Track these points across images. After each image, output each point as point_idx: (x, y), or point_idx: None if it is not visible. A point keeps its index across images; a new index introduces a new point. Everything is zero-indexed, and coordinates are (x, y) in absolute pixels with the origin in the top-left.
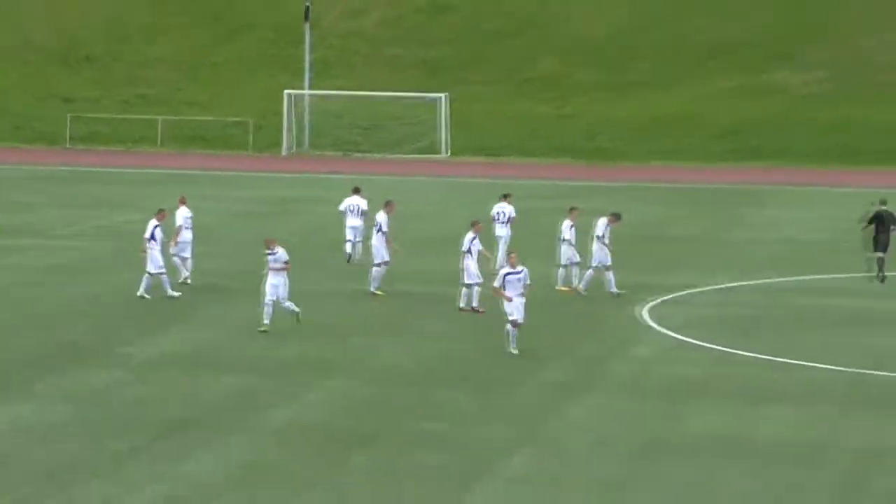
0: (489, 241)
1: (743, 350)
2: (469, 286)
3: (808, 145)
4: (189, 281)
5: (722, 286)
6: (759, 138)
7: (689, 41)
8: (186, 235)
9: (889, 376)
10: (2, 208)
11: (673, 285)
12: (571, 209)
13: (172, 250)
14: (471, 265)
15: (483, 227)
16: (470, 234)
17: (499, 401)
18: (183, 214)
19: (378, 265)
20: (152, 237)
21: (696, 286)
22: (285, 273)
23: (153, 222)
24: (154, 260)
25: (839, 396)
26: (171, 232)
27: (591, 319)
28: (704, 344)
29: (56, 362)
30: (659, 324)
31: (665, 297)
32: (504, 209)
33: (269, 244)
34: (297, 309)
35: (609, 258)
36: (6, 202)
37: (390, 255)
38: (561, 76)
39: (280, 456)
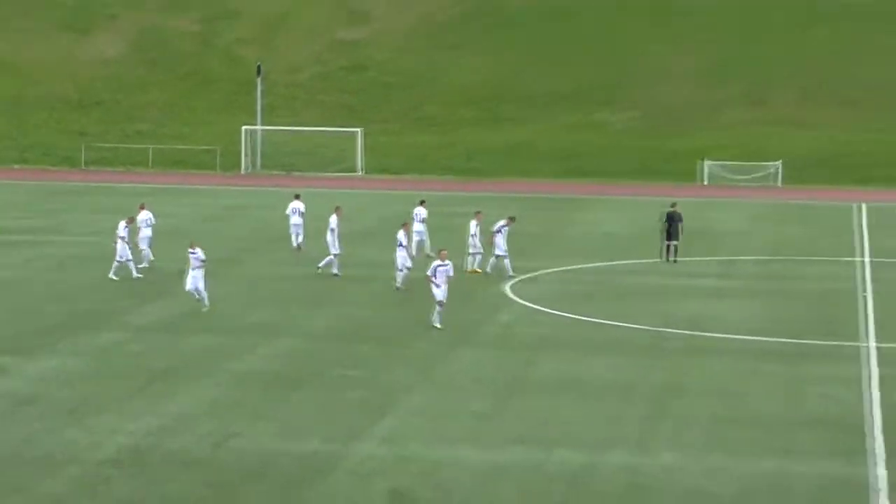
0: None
1: (578, 315)
2: (400, 270)
3: (622, 166)
4: (152, 263)
5: (562, 269)
6: (588, 161)
7: (539, 89)
8: (146, 232)
9: (679, 332)
10: (34, 213)
11: (527, 268)
12: (477, 213)
13: (140, 244)
14: (403, 256)
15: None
16: (401, 233)
17: (401, 353)
18: (142, 217)
19: (331, 258)
20: (122, 235)
21: (544, 269)
22: (202, 268)
23: (122, 223)
24: (121, 251)
25: (644, 347)
26: (135, 231)
27: (470, 294)
28: (550, 311)
29: (74, 327)
30: (518, 297)
31: (522, 277)
32: (420, 211)
33: (192, 245)
34: (206, 303)
35: (503, 249)
36: (38, 209)
37: (340, 248)
38: (444, 115)
39: (239, 395)
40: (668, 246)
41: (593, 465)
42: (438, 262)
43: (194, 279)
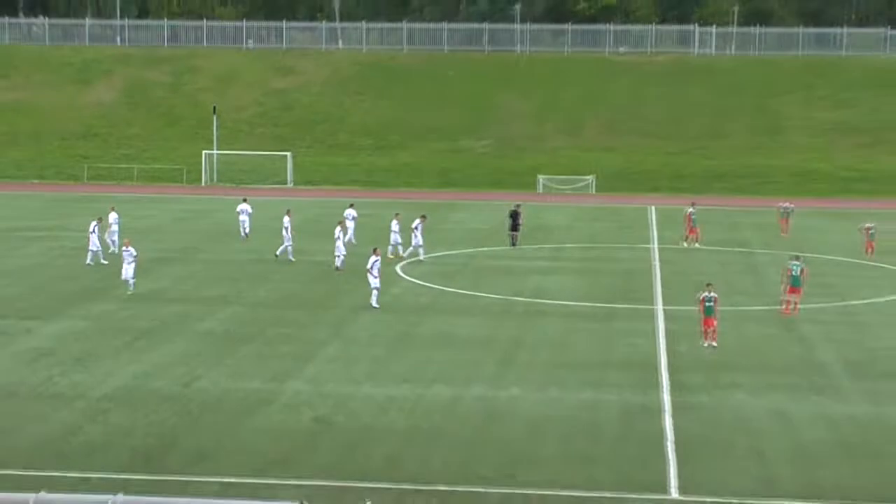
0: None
1: (450, 288)
2: (336, 257)
3: (481, 179)
4: (115, 252)
5: (439, 254)
6: (456, 176)
7: (419, 124)
8: (114, 228)
9: (523, 300)
10: (49, 216)
11: (412, 253)
12: (397, 214)
13: (107, 237)
14: (340, 245)
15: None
16: (338, 229)
17: (321, 316)
18: (112, 217)
19: (286, 246)
20: (93, 231)
21: (425, 255)
22: (135, 262)
23: (94, 222)
24: (93, 243)
25: (498, 311)
26: (104, 228)
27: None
28: (430, 285)
29: (79, 298)
30: (406, 275)
31: (408, 261)
32: (351, 212)
33: (126, 244)
34: (132, 289)
35: (420, 241)
36: (52, 213)
37: (290, 240)
38: (350, 142)
39: (202, 348)
40: (512, 235)
41: (460, 397)
42: (374, 257)
43: (126, 271)
